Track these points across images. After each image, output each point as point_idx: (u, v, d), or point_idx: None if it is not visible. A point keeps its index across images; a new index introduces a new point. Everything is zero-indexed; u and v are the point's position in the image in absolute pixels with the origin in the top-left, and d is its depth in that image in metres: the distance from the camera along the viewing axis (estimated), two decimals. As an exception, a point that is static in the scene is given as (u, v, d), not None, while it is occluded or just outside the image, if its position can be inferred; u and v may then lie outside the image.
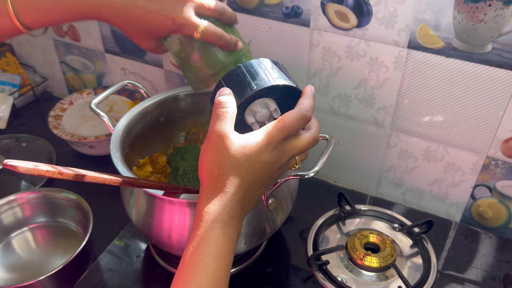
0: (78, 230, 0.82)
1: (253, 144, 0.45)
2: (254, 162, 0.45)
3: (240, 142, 0.45)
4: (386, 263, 0.71)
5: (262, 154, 0.45)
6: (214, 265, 0.43)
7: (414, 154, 0.82)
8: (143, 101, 0.75)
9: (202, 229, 0.44)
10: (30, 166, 0.44)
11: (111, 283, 0.71)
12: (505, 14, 0.62)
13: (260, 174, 0.46)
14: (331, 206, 0.82)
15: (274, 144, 0.46)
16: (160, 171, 0.78)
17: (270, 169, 0.47)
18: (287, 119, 0.46)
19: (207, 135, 0.47)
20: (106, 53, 1.07)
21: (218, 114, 0.46)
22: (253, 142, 0.45)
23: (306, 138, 0.49)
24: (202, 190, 0.46)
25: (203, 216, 0.44)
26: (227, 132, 0.45)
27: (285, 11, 0.78)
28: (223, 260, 0.44)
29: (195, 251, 0.43)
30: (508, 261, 0.76)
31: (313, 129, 0.50)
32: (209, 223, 0.44)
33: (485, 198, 0.80)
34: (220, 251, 0.44)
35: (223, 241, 0.44)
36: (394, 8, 0.69)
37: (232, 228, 0.45)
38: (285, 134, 0.46)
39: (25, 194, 0.82)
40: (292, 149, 0.48)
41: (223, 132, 0.45)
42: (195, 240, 0.44)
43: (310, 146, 0.50)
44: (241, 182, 0.45)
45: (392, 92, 0.77)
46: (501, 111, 0.70)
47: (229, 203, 0.45)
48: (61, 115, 1.03)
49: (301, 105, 0.48)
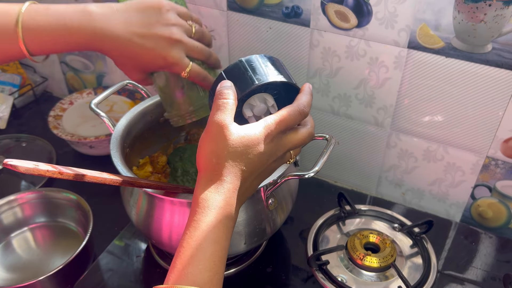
0: (78, 230, 0.82)
1: (251, 135, 0.46)
2: (252, 153, 0.46)
3: (239, 133, 0.46)
4: (386, 263, 0.71)
5: (259, 145, 0.46)
6: (211, 250, 0.43)
7: (414, 154, 0.82)
8: (143, 101, 0.75)
9: (199, 215, 0.45)
10: (30, 166, 0.44)
11: (111, 283, 0.71)
12: (505, 14, 0.62)
13: (257, 164, 0.47)
14: (331, 206, 0.82)
15: (271, 136, 0.47)
16: (160, 171, 0.78)
17: (266, 160, 0.48)
18: (286, 114, 0.48)
19: (206, 125, 0.48)
20: (106, 53, 1.07)
21: (218, 105, 0.47)
22: (251, 133, 0.46)
23: (302, 134, 0.51)
24: (199, 178, 0.47)
25: (199, 202, 0.45)
26: (227, 123, 0.46)
27: (285, 11, 0.78)
28: (219, 246, 0.44)
29: (192, 236, 0.44)
30: (508, 261, 0.76)
31: (309, 125, 0.52)
32: (206, 209, 0.45)
33: (485, 198, 0.80)
34: (217, 237, 0.44)
35: (220, 227, 0.45)
36: (394, 8, 0.69)
37: (228, 216, 0.45)
38: (282, 127, 0.48)
39: (25, 194, 0.82)
40: (289, 142, 0.50)
41: (223, 123, 0.46)
42: (192, 226, 0.44)
43: (305, 141, 0.52)
44: (238, 171, 0.46)
45: (392, 92, 0.77)
46: (501, 111, 0.70)
47: (226, 191, 0.46)
48: (61, 115, 1.03)
49: (299, 100, 0.50)
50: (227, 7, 0.83)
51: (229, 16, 0.83)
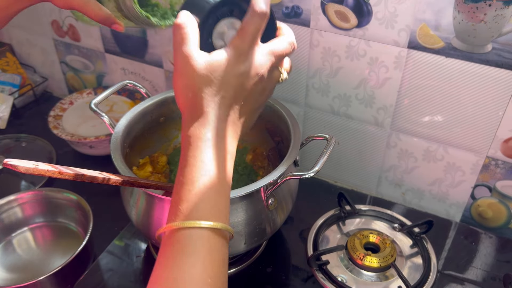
0: (78, 230, 0.82)
1: (220, 58, 0.43)
2: (228, 76, 0.43)
3: (206, 59, 0.43)
4: (386, 263, 0.71)
5: (234, 66, 0.43)
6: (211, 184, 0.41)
7: (414, 154, 0.82)
8: (143, 101, 0.75)
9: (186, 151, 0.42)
10: (30, 166, 0.44)
11: (111, 283, 0.71)
12: (505, 14, 0.62)
13: (239, 87, 0.44)
14: (331, 206, 0.82)
15: (243, 52, 0.44)
16: (160, 171, 0.78)
17: (249, 80, 0.44)
18: (245, 24, 0.44)
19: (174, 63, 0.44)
20: (106, 53, 1.07)
21: (178, 38, 0.43)
22: (220, 57, 0.43)
23: (280, 41, 0.46)
24: (183, 120, 0.44)
25: (185, 140, 0.43)
26: (191, 53, 0.42)
27: (285, 11, 0.78)
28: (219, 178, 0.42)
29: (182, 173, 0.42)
30: (508, 261, 0.76)
31: (285, 33, 0.48)
32: (193, 144, 0.42)
33: (485, 198, 0.80)
34: (209, 169, 0.42)
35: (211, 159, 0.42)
36: (394, 8, 0.69)
37: (219, 147, 0.43)
38: (249, 38, 0.44)
39: (25, 193, 0.82)
40: (267, 53, 0.45)
41: (187, 53, 0.42)
42: (181, 163, 0.42)
43: (287, 50, 0.47)
44: (218, 99, 0.43)
45: (392, 92, 0.77)
46: (501, 111, 0.70)
47: (211, 121, 0.43)
48: (61, 115, 1.03)
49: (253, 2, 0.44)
50: (227, 7, 0.82)
51: (229, 16, 0.83)
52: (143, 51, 1.00)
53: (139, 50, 1.01)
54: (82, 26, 1.05)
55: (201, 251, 0.39)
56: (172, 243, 0.40)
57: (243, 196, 0.58)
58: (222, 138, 0.43)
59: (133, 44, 1.00)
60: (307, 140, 0.71)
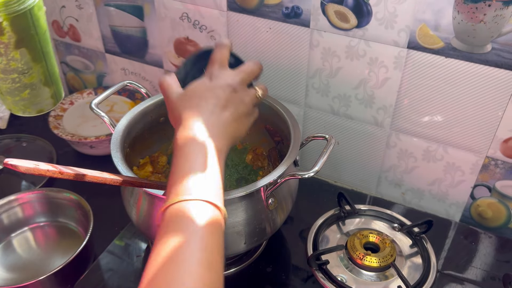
0: (78, 230, 0.83)
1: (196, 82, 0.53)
2: (202, 91, 0.52)
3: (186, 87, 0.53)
4: (386, 263, 0.71)
5: (207, 83, 0.52)
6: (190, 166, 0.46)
7: (414, 154, 0.82)
8: (143, 102, 0.75)
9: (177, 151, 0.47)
10: (31, 165, 0.44)
11: (111, 283, 0.72)
12: (505, 14, 0.62)
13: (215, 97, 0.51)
14: (331, 206, 0.82)
15: (214, 73, 0.53)
16: (160, 171, 0.78)
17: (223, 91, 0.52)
18: (212, 55, 0.55)
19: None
20: (106, 53, 1.07)
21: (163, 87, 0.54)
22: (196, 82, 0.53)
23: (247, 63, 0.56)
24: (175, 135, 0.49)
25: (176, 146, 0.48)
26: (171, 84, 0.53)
27: (285, 11, 0.78)
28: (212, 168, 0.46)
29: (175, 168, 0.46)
30: (507, 261, 0.76)
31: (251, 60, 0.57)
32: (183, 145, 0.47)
33: (485, 198, 0.81)
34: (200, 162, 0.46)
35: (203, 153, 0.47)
36: (394, 8, 0.69)
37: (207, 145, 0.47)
38: (217, 63, 0.54)
39: (25, 193, 0.82)
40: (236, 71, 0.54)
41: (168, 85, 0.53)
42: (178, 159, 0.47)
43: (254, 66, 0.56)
44: (199, 108, 0.50)
45: (392, 92, 0.77)
46: (501, 111, 0.70)
47: (195, 126, 0.48)
48: (62, 115, 1.03)
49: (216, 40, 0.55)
50: (227, 8, 0.83)
51: (229, 16, 0.83)
52: (143, 51, 1.00)
53: (139, 50, 1.01)
54: (83, 26, 1.05)
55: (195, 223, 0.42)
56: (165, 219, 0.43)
57: (243, 196, 0.59)
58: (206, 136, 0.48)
59: (133, 45, 1.00)
60: (307, 140, 0.71)
